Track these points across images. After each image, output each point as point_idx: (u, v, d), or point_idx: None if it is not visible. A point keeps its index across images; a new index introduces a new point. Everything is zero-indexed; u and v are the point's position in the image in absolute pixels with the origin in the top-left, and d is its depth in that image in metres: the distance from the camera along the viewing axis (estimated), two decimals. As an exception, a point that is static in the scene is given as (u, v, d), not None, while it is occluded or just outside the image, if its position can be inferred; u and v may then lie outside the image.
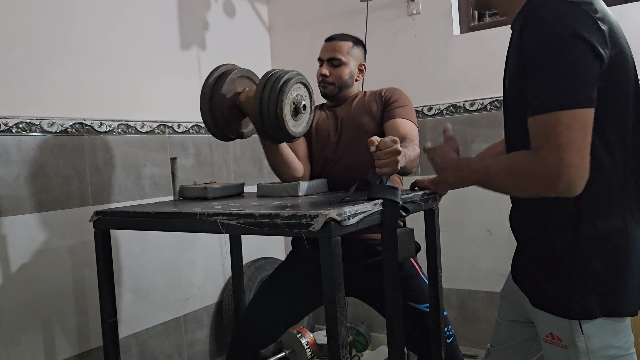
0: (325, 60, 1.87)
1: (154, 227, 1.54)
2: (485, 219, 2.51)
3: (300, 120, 1.56)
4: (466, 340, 2.60)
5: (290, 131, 1.52)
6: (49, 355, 1.90)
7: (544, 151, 0.91)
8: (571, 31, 0.91)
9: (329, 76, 1.85)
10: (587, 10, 0.93)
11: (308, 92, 1.61)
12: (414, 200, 1.47)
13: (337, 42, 1.87)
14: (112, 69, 2.16)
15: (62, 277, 1.95)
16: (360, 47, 1.91)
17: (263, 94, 1.49)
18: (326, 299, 1.15)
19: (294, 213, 1.17)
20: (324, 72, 1.86)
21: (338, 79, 1.85)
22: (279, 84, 1.50)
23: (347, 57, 1.85)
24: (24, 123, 1.84)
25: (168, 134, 2.38)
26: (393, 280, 1.32)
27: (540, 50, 0.94)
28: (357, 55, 1.89)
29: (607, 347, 1.00)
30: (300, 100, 1.54)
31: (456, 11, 2.60)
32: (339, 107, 1.90)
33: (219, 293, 2.64)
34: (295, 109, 1.53)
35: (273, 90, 1.49)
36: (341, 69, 1.85)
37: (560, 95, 0.91)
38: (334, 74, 1.85)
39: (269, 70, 1.56)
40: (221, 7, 2.73)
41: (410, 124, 1.76)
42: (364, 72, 1.94)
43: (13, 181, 1.81)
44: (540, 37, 0.94)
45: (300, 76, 1.58)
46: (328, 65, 1.86)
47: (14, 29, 1.83)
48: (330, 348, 1.16)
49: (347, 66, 1.85)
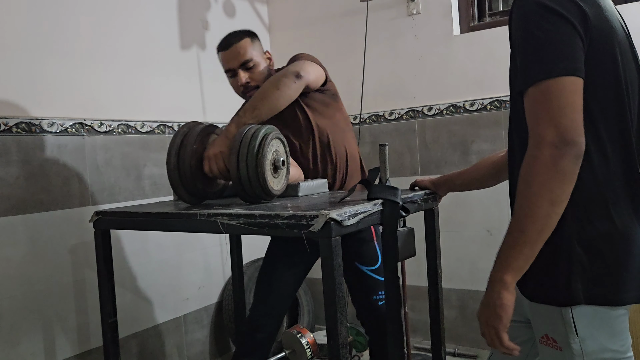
0: (237, 69, 1.77)
1: (154, 227, 1.54)
2: (485, 219, 2.51)
3: (279, 176, 1.49)
4: (466, 340, 2.60)
5: (272, 190, 1.43)
6: (49, 355, 1.90)
7: (543, 128, 0.88)
8: (548, 8, 0.90)
9: (251, 81, 1.77)
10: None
11: (284, 146, 1.52)
12: (414, 200, 1.46)
13: (236, 45, 1.76)
14: (112, 69, 2.16)
15: (62, 277, 1.95)
16: (254, 37, 1.82)
17: (240, 153, 1.38)
18: (326, 299, 1.15)
19: (294, 213, 1.17)
20: (245, 80, 1.77)
21: (260, 80, 1.76)
22: (257, 141, 1.38)
23: (254, 53, 1.77)
24: (24, 123, 1.84)
25: (168, 134, 2.38)
26: (393, 280, 1.32)
27: (520, 29, 0.94)
28: (259, 47, 1.82)
29: (602, 349, 0.98)
30: (279, 157, 1.46)
31: (456, 11, 2.60)
32: None
33: (219, 293, 2.64)
34: (275, 166, 1.45)
35: (251, 149, 1.38)
36: (256, 68, 1.77)
37: (543, 66, 0.89)
38: (253, 77, 1.77)
39: (242, 129, 1.44)
40: (221, 7, 2.73)
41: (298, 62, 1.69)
42: (272, 59, 1.86)
43: (13, 181, 1.81)
44: (520, 18, 0.95)
45: (276, 131, 1.48)
46: (244, 71, 1.77)
47: (14, 29, 1.83)
48: (330, 348, 1.16)
49: (260, 63, 1.78)
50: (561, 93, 0.88)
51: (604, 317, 0.97)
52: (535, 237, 0.91)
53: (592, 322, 0.97)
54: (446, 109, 2.58)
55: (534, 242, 0.92)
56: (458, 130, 2.56)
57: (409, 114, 2.67)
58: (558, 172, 0.87)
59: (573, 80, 0.89)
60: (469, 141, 2.53)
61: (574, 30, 0.90)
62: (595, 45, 0.93)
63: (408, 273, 2.41)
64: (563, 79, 0.88)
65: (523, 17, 0.94)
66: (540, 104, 0.89)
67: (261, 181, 1.40)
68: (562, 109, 0.87)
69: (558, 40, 0.90)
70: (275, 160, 1.47)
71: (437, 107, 2.60)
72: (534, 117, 0.90)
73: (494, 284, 0.97)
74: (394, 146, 2.71)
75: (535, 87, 0.90)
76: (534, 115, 0.90)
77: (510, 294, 0.95)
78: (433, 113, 2.62)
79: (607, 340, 0.98)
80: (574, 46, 0.90)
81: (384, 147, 1.48)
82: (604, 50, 0.95)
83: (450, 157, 2.59)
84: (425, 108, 2.63)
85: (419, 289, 2.62)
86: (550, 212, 0.89)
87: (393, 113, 2.71)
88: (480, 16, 2.63)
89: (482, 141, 2.50)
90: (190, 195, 1.52)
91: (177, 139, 1.48)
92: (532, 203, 0.90)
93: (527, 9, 0.93)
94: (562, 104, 0.87)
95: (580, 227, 0.96)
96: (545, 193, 0.89)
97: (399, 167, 2.71)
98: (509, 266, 0.94)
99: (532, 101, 0.91)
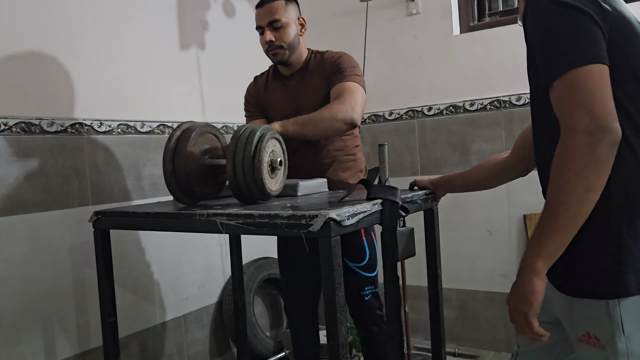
0: (265, 27, 1.81)
1: (153, 227, 1.54)
2: (485, 219, 2.51)
3: (277, 176, 1.49)
4: (466, 340, 2.60)
5: (270, 190, 1.43)
6: (49, 355, 1.90)
7: (576, 116, 0.86)
8: (563, 3, 0.90)
9: (275, 40, 1.80)
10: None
11: (281, 146, 1.53)
12: (413, 200, 1.47)
13: (270, 4, 1.80)
14: (111, 69, 2.16)
15: (62, 277, 1.95)
16: (293, 2, 1.85)
17: (236, 153, 1.38)
18: (326, 299, 1.15)
19: (294, 213, 1.17)
20: (269, 38, 1.80)
21: (285, 41, 1.80)
22: (254, 141, 1.38)
23: (286, 15, 1.80)
24: (24, 123, 1.84)
25: (168, 134, 2.38)
26: (392, 280, 1.32)
27: (537, 27, 0.94)
28: (294, 11, 1.84)
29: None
30: (276, 157, 1.46)
31: (456, 11, 2.60)
32: (293, 77, 1.89)
33: (219, 293, 2.64)
34: (272, 166, 1.45)
35: (247, 148, 1.38)
36: (284, 30, 1.80)
37: (566, 58, 0.89)
38: (279, 37, 1.80)
39: (239, 128, 1.44)
40: (221, 7, 2.73)
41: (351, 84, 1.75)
42: (305, 26, 1.89)
43: (13, 181, 1.81)
44: (535, 17, 0.95)
45: (273, 131, 1.49)
46: (270, 30, 1.80)
47: (14, 29, 1.83)
48: (330, 348, 1.16)
49: (289, 25, 1.81)
50: (589, 80, 0.87)
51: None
52: (568, 224, 0.90)
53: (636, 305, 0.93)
54: (446, 109, 2.58)
55: (567, 230, 0.91)
56: (458, 130, 2.56)
57: (409, 114, 2.67)
58: (593, 159, 0.85)
59: (599, 67, 0.87)
60: (468, 141, 2.53)
61: (592, 21, 0.89)
62: (616, 38, 0.92)
63: (408, 273, 2.42)
64: (588, 67, 0.87)
65: (538, 15, 0.94)
66: (570, 94, 0.88)
67: (259, 184, 1.39)
68: (592, 95, 0.86)
69: (577, 32, 0.89)
70: (273, 161, 1.46)
71: (437, 107, 2.60)
72: (564, 107, 0.89)
73: (525, 270, 0.95)
74: (394, 146, 2.71)
75: (560, 79, 0.89)
76: (564, 106, 0.89)
77: (541, 280, 0.94)
78: (433, 113, 2.62)
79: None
80: (594, 35, 0.89)
81: (383, 147, 1.48)
82: (625, 44, 0.93)
83: (450, 157, 2.59)
84: (425, 108, 2.63)
85: (419, 289, 2.62)
86: (584, 200, 0.88)
87: (393, 113, 2.71)
88: (479, 16, 2.63)
89: (481, 141, 2.50)
90: (189, 198, 1.52)
91: (171, 144, 1.46)
92: (566, 190, 0.88)
93: (541, 7, 0.93)
94: (592, 90, 0.86)
95: (629, 217, 0.94)
96: (579, 181, 0.87)
97: (399, 167, 2.71)
98: (540, 252, 0.93)
99: (560, 93, 0.90)
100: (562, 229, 0.91)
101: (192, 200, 1.53)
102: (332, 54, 1.86)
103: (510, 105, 2.43)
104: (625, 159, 0.91)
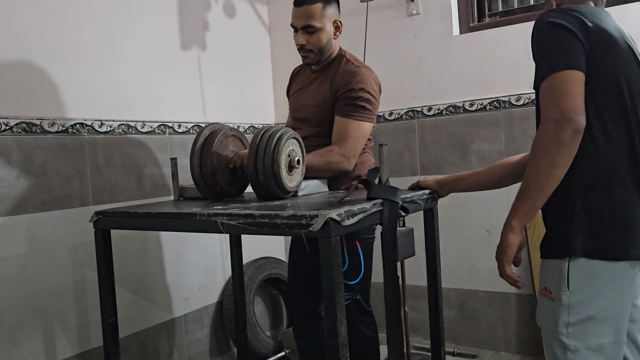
0: (299, 29, 1.82)
1: (154, 227, 1.54)
2: (485, 219, 2.52)
3: (294, 175, 1.58)
4: (466, 340, 2.60)
5: (287, 186, 1.53)
6: (50, 355, 1.90)
7: (549, 109, 1.09)
8: (554, 23, 1.14)
9: (307, 44, 1.82)
10: (572, 11, 1.15)
11: (300, 146, 1.61)
12: (413, 200, 1.47)
13: (307, 7, 1.80)
14: (112, 69, 2.17)
15: (63, 277, 1.95)
16: (333, 3, 1.85)
17: (258, 151, 1.49)
18: (326, 299, 1.15)
19: (294, 213, 1.18)
20: (301, 41, 1.82)
21: (316, 46, 1.82)
22: (274, 140, 1.49)
23: (322, 20, 1.80)
24: (24, 123, 1.85)
25: (168, 134, 2.39)
26: (392, 280, 1.32)
27: (535, 42, 1.19)
28: (331, 14, 1.84)
29: (587, 305, 1.13)
30: (295, 156, 1.56)
31: (456, 11, 2.60)
32: (322, 73, 1.91)
33: (219, 293, 2.64)
34: (290, 165, 1.54)
35: (268, 147, 1.49)
36: (317, 35, 1.81)
37: (550, 64, 1.12)
38: (311, 41, 1.81)
39: (261, 128, 1.54)
40: (221, 7, 2.74)
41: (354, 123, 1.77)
42: (341, 28, 1.89)
43: (14, 181, 1.81)
44: (535, 35, 1.20)
45: (292, 132, 1.57)
46: (303, 33, 1.82)
47: (14, 29, 1.84)
48: (330, 348, 1.16)
49: (323, 31, 1.81)
50: (563, 82, 1.09)
51: (599, 273, 1.13)
52: (537, 192, 1.13)
53: (586, 278, 1.13)
54: (446, 109, 2.58)
55: (536, 197, 1.13)
56: (457, 131, 2.56)
57: (409, 114, 2.68)
58: (557, 142, 1.08)
59: (573, 73, 1.10)
60: (468, 141, 2.54)
61: (574, 37, 1.12)
62: (596, 50, 1.13)
63: (408, 273, 2.42)
64: (564, 72, 1.10)
65: (537, 33, 1.18)
66: (548, 93, 1.11)
67: (277, 181, 1.48)
68: (563, 93, 1.08)
69: (560, 45, 1.12)
70: (291, 159, 1.53)
71: (437, 108, 2.61)
72: (544, 103, 1.11)
73: (504, 228, 1.20)
74: (394, 146, 2.71)
75: (545, 81, 1.12)
76: (544, 102, 1.11)
77: (516, 235, 1.18)
78: (433, 113, 2.62)
79: (596, 297, 1.13)
80: (574, 48, 1.12)
81: (383, 147, 1.48)
82: (604, 54, 1.14)
83: (449, 157, 2.59)
84: (425, 108, 2.63)
85: (419, 289, 2.63)
86: (549, 174, 1.10)
87: (393, 113, 2.72)
88: (479, 16, 2.63)
89: (481, 141, 2.51)
90: (213, 194, 1.63)
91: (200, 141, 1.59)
92: (535, 165, 1.11)
93: (539, 27, 1.18)
94: (564, 90, 1.09)
95: (584, 194, 1.15)
96: (546, 158, 1.09)
97: (399, 167, 2.72)
98: (515, 214, 1.17)
99: (543, 92, 1.12)
100: (532, 196, 1.14)
101: (216, 196, 1.63)
102: (349, 69, 1.83)
103: (510, 105, 2.43)
104: (587, 148, 1.13)
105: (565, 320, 1.15)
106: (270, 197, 1.54)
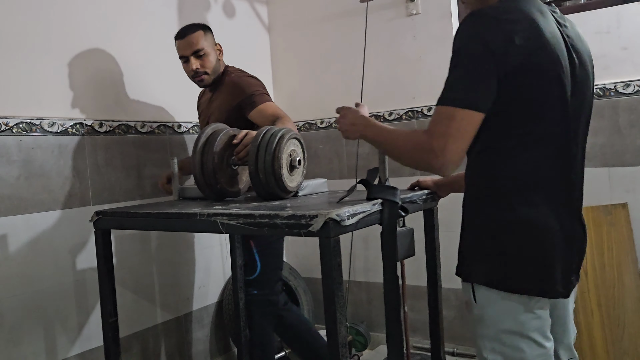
0: (190, 56, 2.03)
1: (154, 227, 1.54)
2: (485, 218, 2.51)
3: (295, 175, 1.59)
4: (465, 340, 2.60)
5: (287, 186, 1.54)
6: (50, 355, 1.90)
7: (433, 134, 1.09)
8: (477, 34, 1.06)
9: (200, 67, 2.04)
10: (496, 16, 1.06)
11: (301, 146, 1.63)
12: (413, 200, 1.47)
13: (190, 36, 2.02)
14: (112, 69, 2.17)
15: (63, 276, 1.96)
16: (208, 30, 2.09)
17: (259, 149, 1.50)
18: (326, 299, 1.16)
19: (294, 213, 1.18)
20: (195, 66, 2.03)
21: (209, 67, 2.05)
22: (275, 140, 1.50)
23: (205, 44, 2.04)
24: (24, 123, 1.85)
25: (168, 134, 2.39)
26: (392, 280, 1.32)
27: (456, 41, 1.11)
28: (211, 40, 2.09)
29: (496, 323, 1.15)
30: (296, 156, 1.57)
31: (455, 11, 2.60)
32: (216, 89, 2.12)
33: (219, 293, 2.65)
34: (291, 165, 1.55)
35: (269, 146, 1.50)
36: (207, 57, 2.04)
37: (455, 93, 1.09)
38: (203, 64, 2.04)
39: (262, 128, 1.56)
40: (221, 7, 2.74)
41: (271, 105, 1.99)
42: (222, 50, 2.14)
43: (14, 181, 1.82)
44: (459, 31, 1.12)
45: (294, 132, 1.59)
46: (196, 59, 2.03)
47: (14, 29, 1.84)
48: (329, 347, 1.17)
49: (211, 53, 2.06)
50: (460, 121, 1.06)
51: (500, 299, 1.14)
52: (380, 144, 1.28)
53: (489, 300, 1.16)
54: (445, 109, 2.58)
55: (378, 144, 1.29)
56: (457, 131, 2.56)
57: (409, 114, 2.68)
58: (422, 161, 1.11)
59: (472, 114, 1.06)
60: (468, 141, 2.54)
61: (490, 57, 1.04)
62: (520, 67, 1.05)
63: (407, 273, 2.42)
64: (464, 111, 1.06)
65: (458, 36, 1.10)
66: (443, 121, 1.08)
67: (277, 180, 1.49)
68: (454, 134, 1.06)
69: (471, 71, 1.07)
70: (292, 159, 1.54)
71: (437, 107, 2.60)
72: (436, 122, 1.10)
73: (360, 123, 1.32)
74: (394, 146, 2.71)
75: (444, 107, 1.09)
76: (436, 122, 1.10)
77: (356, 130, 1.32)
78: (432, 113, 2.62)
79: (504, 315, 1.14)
80: (483, 76, 1.06)
81: (383, 148, 1.48)
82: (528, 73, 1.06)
83: (449, 157, 2.59)
84: (425, 108, 2.63)
85: (419, 289, 2.63)
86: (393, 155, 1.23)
87: (392, 113, 2.72)
88: (479, 16, 2.63)
89: (481, 141, 2.51)
90: (214, 194, 1.63)
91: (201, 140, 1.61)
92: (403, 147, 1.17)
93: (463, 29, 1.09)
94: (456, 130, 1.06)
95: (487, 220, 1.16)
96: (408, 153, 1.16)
97: (399, 167, 2.71)
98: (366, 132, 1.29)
99: (438, 114, 1.10)
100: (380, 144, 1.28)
101: (216, 196, 1.64)
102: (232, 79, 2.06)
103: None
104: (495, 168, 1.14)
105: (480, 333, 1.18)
106: (271, 196, 1.54)
